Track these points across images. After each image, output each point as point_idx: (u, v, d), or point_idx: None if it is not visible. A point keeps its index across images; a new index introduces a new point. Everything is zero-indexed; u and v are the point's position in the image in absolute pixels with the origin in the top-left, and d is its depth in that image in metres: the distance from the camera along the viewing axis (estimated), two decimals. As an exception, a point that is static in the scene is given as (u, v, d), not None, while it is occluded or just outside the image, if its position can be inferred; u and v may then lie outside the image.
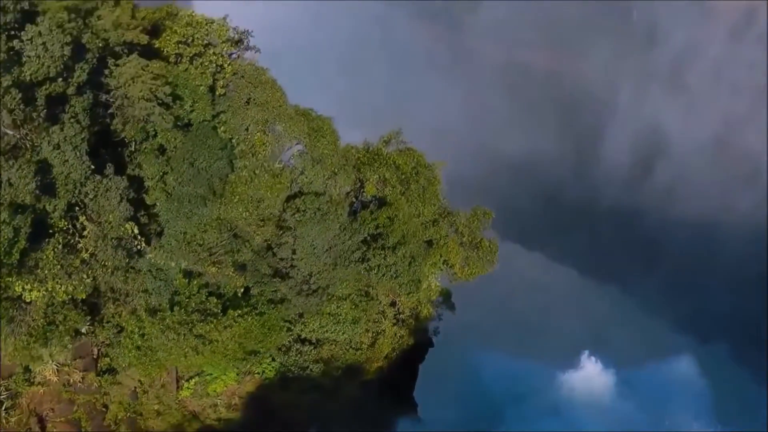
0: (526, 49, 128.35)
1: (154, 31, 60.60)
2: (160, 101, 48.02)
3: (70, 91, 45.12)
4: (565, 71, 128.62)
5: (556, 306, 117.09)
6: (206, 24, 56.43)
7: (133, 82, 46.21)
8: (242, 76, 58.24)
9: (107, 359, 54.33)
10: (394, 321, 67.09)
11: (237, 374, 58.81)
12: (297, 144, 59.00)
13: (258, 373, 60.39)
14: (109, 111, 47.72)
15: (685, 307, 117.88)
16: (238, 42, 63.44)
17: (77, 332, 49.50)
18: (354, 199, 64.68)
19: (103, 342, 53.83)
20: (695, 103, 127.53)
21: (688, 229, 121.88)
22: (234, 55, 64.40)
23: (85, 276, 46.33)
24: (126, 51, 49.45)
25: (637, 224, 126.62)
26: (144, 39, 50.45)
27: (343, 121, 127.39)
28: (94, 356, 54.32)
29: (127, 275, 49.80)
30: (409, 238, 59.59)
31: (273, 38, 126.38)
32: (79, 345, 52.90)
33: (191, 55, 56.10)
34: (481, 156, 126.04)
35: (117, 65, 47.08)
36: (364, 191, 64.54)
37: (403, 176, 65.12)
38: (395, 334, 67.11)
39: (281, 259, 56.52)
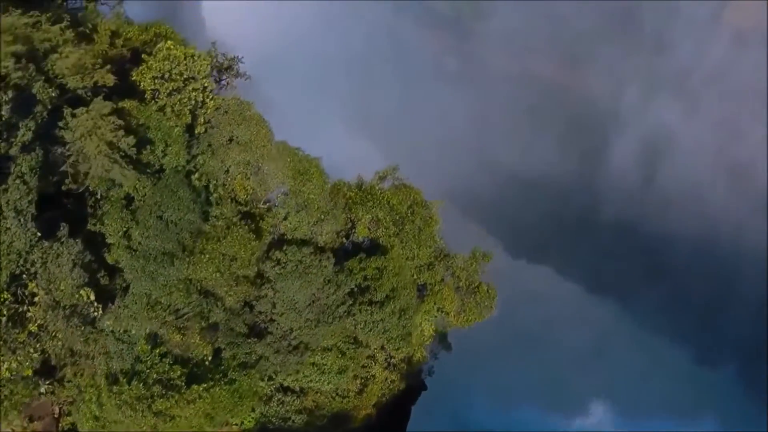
0: (535, 59, 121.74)
1: (137, 57, 54.98)
2: (123, 153, 41.62)
3: (14, 151, 38.76)
4: (574, 82, 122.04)
5: (559, 318, 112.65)
6: (186, 58, 50.08)
7: (90, 136, 39.78)
8: (225, 112, 52.12)
9: (69, 418, 48.42)
10: (385, 365, 60.93)
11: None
12: (281, 188, 52.76)
13: (236, 425, 54.46)
14: (61, 169, 41.31)
15: (687, 322, 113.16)
16: (227, 68, 57.85)
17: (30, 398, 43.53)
18: (345, 240, 58.59)
19: (65, 401, 47.91)
20: (701, 113, 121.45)
21: (691, 244, 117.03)
22: (223, 82, 58.85)
23: (32, 350, 40.33)
24: (90, 94, 43.06)
25: (642, 238, 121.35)
26: (110, 80, 44.02)
27: (348, 125, 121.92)
28: (55, 415, 48.44)
29: (89, 336, 43.76)
30: (400, 290, 53.26)
31: (281, 42, 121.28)
32: (38, 405, 47.05)
33: (168, 91, 50.03)
34: (487, 167, 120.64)
35: (74, 115, 40.63)
36: (355, 232, 58.37)
37: (398, 216, 58.85)
38: (386, 379, 60.98)
39: (260, 313, 50.49)
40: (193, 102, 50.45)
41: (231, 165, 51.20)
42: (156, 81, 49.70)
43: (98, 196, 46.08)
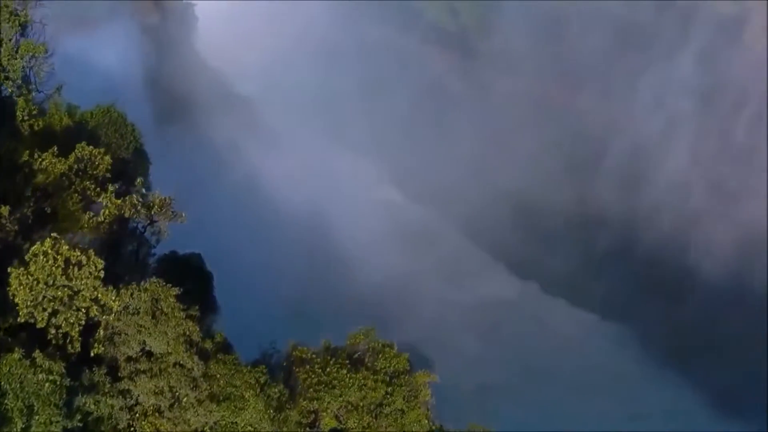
0: (538, 78, 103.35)
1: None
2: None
3: None
4: (578, 105, 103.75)
5: (566, 348, 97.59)
6: (69, 267, 32.73)
7: None
8: (136, 312, 34.75)
9: None
10: None
11: None
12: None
13: None
14: None
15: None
16: (160, 209, 41.47)
17: None
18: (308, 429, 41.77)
19: None
20: (707, 134, 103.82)
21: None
22: (156, 225, 42.60)
23: None
24: None
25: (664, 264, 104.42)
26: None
27: (350, 148, 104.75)
28: None
29: None
30: None
31: (283, 60, 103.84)
32: None
33: (50, 311, 32.85)
34: (492, 190, 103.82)
35: None
36: (319, 425, 41.50)
37: (374, 399, 41.76)
38: None
39: None
40: (82, 321, 33.29)
41: (140, 394, 34.17)
42: (28, 304, 32.46)
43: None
